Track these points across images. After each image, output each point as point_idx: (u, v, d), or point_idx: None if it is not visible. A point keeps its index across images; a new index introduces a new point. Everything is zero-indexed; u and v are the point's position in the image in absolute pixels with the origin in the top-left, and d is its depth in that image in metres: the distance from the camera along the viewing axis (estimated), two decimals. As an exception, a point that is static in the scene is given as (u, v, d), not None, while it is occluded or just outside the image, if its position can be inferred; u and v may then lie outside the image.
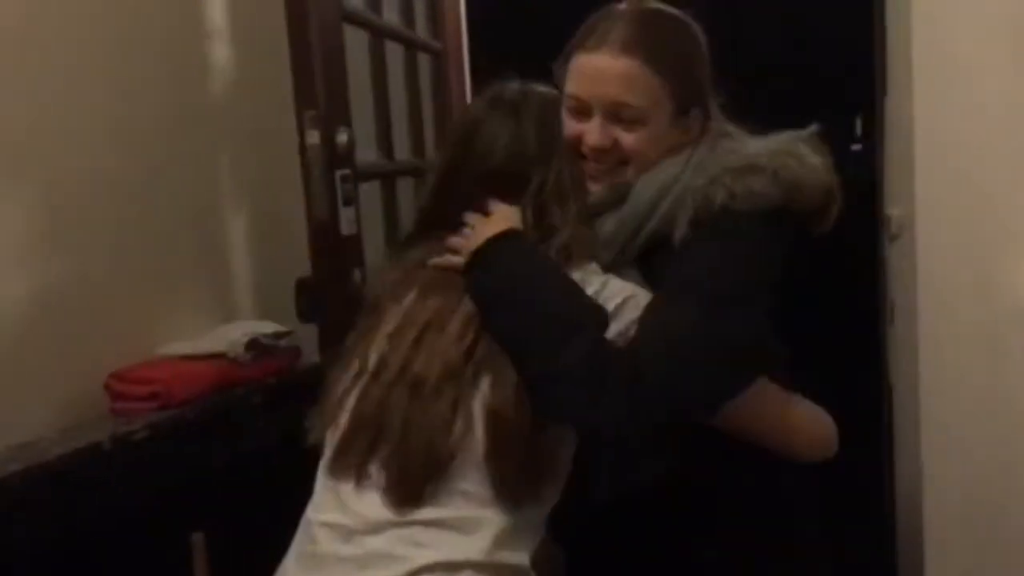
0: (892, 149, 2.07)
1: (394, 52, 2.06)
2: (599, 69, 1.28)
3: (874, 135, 2.29)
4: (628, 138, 1.29)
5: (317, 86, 1.72)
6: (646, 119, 1.29)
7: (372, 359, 1.24)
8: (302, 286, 1.88)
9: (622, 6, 1.35)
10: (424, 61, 2.20)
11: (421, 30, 2.23)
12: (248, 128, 2.28)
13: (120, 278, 1.98)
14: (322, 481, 1.25)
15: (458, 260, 1.28)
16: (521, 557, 1.17)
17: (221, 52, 2.25)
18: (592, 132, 1.29)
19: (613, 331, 1.19)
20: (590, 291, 1.22)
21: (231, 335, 2.05)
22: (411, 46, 2.10)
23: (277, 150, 2.01)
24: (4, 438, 1.68)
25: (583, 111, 1.30)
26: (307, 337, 2.03)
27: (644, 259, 1.31)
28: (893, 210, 2.15)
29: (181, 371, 1.94)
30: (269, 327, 2.10)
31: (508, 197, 1.30)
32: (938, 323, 1.79)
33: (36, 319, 1.80)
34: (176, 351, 2.01)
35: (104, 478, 1.70)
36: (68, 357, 1.87)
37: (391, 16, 2.04)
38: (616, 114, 1.28)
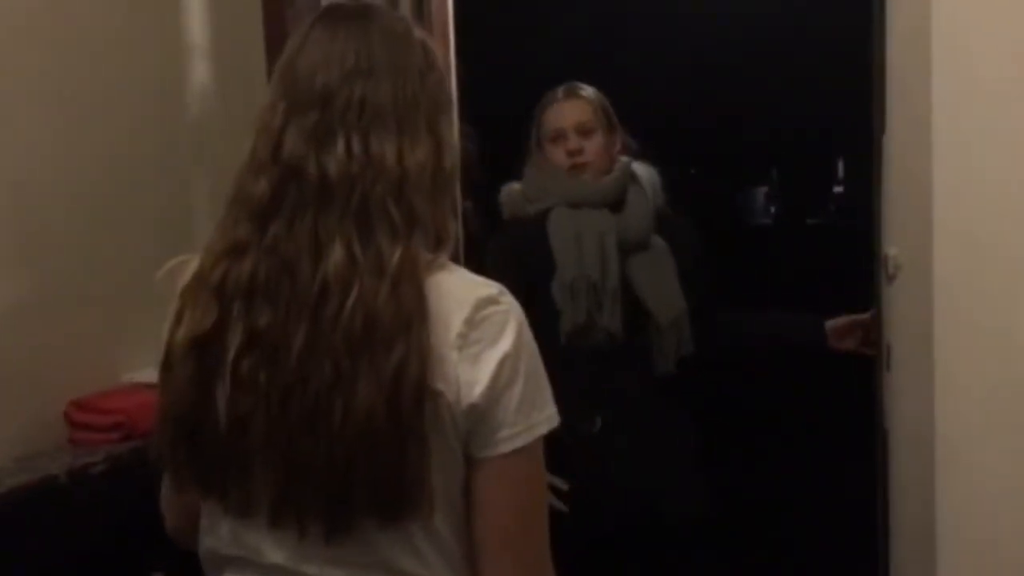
0: (889, 188, 2.01)
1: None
2: None
3: (868, 174, 2.24)
4: None
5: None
6: None
7: None
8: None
9: None
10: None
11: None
12: (224, 146, 2.19)
13: (85, 299, 1.89)
14: None
15: None
16: None
17: (199, 68, 2.17)
18: None
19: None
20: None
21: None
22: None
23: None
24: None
25: None
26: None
27: None
28: (890, 249, 2.08)
29: (147, 400, 1.83)
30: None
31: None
32: (954, 366, 1.71)
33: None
34: (143, 378, 1.92)
35: (59, 514, 1.61)
36: (27, 382, 1.78)
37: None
38: None
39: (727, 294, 2.71)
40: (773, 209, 5.32)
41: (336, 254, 1.05)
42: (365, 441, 1.02)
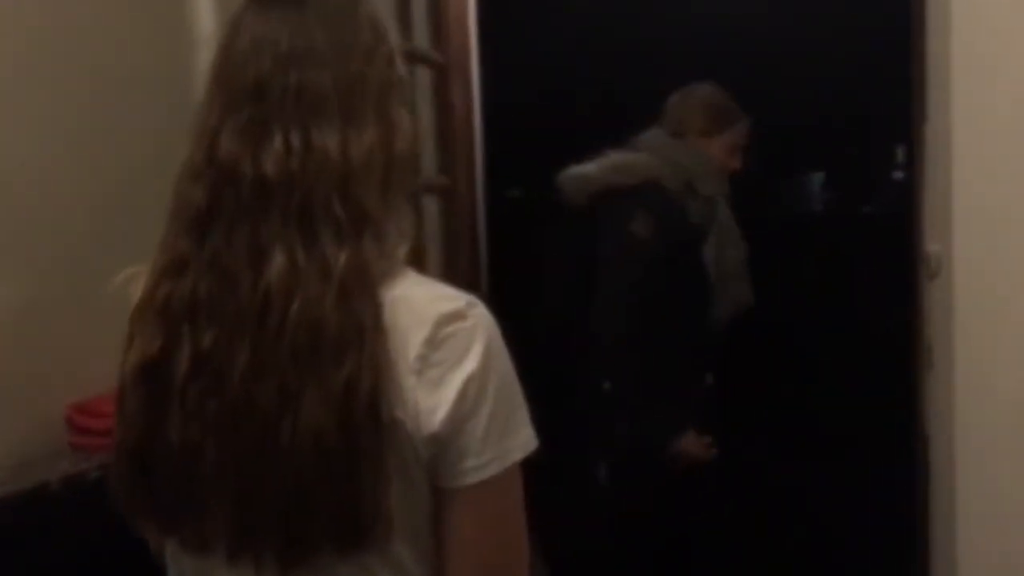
0: (934, 180, 1.88)
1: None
2: None
3: (915, 164, 2.12)
4: None
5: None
6: None
7: None
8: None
9: None
10: (424, 74, 2.05)
11: (423, 41, 2.09)
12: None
13: (88, 301, 1.85)
14: None
15: None
16: None
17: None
18: None
19: None
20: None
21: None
22: (408, 58, 1.95)
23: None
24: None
25: None
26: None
27: None
28: (933, 246, 1.96)
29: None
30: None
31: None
32: (974, 375, 1.60)
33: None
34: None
35: (51, 522, 1.57)
36: (28, 386, 1.75)
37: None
38: None
39: (776, 284, 2.67)
40: (827, 197, 5.14)
41: (277, 262, 0.95)
42: (315, 464, 0.93)
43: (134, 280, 1.08)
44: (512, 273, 2.67)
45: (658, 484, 2.52)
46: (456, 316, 0.98)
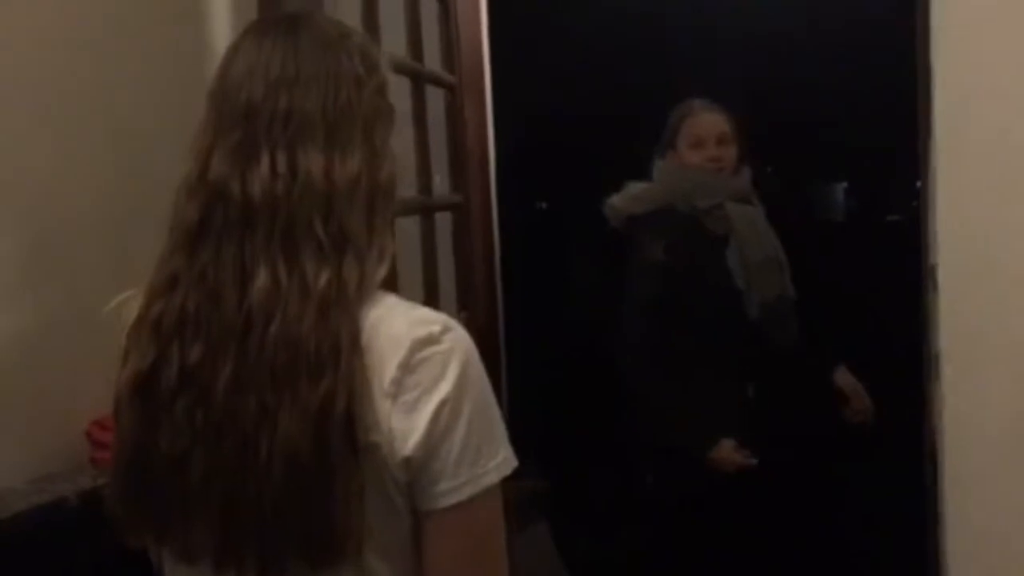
0: (935, 195, 1.88)
1: (401, 86, 1.96)
2: None
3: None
4: None
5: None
6: None
7: None
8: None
9: None
10: (436, 95, 2.08)
11: (435, 63, 2.12)
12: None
13: (109, 317, 1.89)
14: None
15: None
16: None
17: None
18: None
19: None
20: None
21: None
22: (418, 79, 1.98)
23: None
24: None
25: None
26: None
27: None
28: (938, 259, 1.96)
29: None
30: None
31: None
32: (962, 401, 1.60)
33: (12, 362, 1.73)
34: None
35: (68, 537, 1.61)
36: (48, 402, 1.79)
37: (396, 48, 1.93)
38: None
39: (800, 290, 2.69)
40: (851, 205, 5.12)
41: (260, 280, 0.99)
42: (288, 480, 0.96)
43: (126, 304, 1.13)
44: (531, 287, 2.73)
45: (699, 491, 2.62)
46: (431, 340, 1.01)
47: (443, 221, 2.19)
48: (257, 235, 1.01)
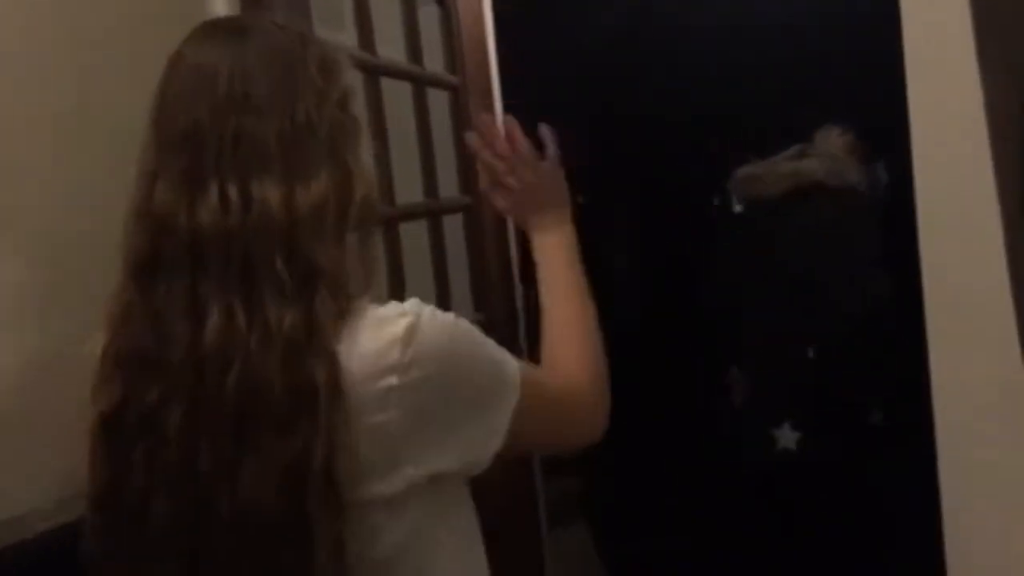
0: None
1: (403, 89, 1.98)
2: None
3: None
4: None
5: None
6: None
7: None
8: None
9: None
10: (439, 97, 2.09)
11: (436, 65, 2.13)
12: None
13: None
14: None
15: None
16: None
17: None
18: None
19: None
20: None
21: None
22: (419, 82, 1.99)
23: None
24: None
25: None
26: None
27: None
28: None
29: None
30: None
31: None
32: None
33: (34, 382, 1.75)
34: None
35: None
36: (73, 422, 1.81)
37: (394, 53, 1.95)
38: None
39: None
40: (886, 181, 5.05)
41: (213, 321, 0.91)
42: (257, 540, 0.89)
43: (92, 337, 1.06)
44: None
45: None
46: (394, 368, 0.92)
47: (455, 223, 2.20)
48: (209, 272, 0.93)
